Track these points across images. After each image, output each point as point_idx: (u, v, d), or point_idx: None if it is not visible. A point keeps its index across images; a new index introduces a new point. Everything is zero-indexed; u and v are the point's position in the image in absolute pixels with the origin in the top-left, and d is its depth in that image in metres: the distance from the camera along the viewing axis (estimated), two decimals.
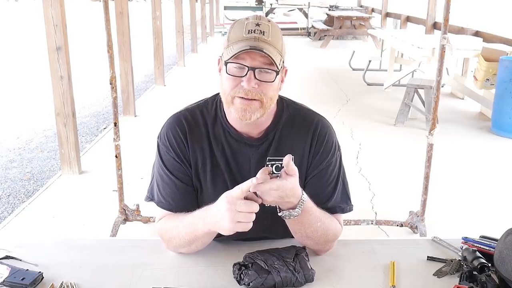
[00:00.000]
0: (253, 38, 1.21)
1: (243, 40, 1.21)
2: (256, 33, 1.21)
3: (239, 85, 1.22)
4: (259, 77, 1.21)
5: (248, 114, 1.23)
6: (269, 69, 1.21)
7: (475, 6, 14.57)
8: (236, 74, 1.22)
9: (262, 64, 1.20)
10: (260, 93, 1.22)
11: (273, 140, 1.35)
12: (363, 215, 3.02)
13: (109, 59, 2.72)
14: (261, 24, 1.23)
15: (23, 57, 10.44)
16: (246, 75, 1.20)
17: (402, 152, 4.48)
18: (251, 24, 1.23)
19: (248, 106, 1.22)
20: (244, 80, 1.21)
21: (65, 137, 3.80)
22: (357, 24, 11.94)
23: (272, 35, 1.23)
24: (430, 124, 2.77)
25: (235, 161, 1.34)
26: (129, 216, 2.95)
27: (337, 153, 1.39)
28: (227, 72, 1.23)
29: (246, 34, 1.21)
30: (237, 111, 1.24)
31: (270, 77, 1.22)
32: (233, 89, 1.23)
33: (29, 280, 1.17)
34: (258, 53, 1.19)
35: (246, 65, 1.20)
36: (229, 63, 1.21)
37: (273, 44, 1.22)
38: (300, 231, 1.27)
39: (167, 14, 9.33)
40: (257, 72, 1.21)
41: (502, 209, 3.34)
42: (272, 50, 1.21)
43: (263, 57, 1.19)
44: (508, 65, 4.87)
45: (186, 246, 1.31)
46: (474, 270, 1.22)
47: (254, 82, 1.20)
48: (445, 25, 2.57)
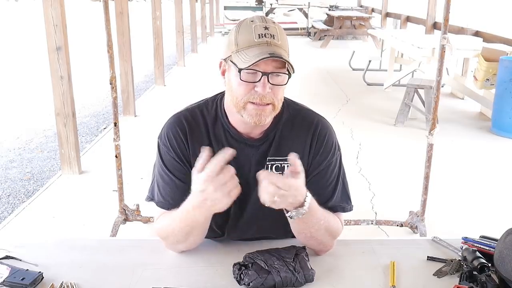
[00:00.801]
0: (265, 43, 1.20)
1: (256, 46, 1.20)
2: (267, 37, 1.20)
3: (253, 90, 1.21)
4: (272, 81, 1.21)
5: (263, 118, 1.23)
6: (282, 72, 1.21)
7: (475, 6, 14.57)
8: (249, 79, 1.21)
9: (275, 68, 1.20)
10: (272, 97, 1.22)
11: (273, 140, 1.35)
12: (363, 215, 3.02)
13: (109, 59, 2.72)
14: (269, 27, 1.22)
15: (23, 57, 10.44)
16: (259, 80, 1.20)
17: (402, 152, 4.48)
18: (259, 27, 1.22)
19: (263, 111, 1.22)
20: (259, 85, 1.20)
21: (65, 137, 3.80)
22: (357, 24, 11.94)
23: (281, 38, 1.23)
24: (430, 124, 2.77)
25: (235, 161, 1.34)
26: (129, 216, 2.95)
27: (337, 153, 1.39)
28: (240, 78, 1.21)
29: (257, 39, 1.20)
30: (251, 116, 1.23)
31: (283, 80, 1.22)
32: (246, 94, 1.22)
33: (29, 280, 1.17)
34: (271, 58, 1.18)
35: (259, 71, 1.19)
36: (243, 70, 1.20)
37: (283, 47, 1.23)
38: (305, 231, 1.27)
39: (167, 14, 9.33)
40: (270, 77, 1.20)
41: (502, 209, 3.34)
42: (284, 53, 1.21)
43: (275, 61, 1.19)
44: (508, 65, 4.87)
45: (183, 241, 1.31)
46: (474, 270, 1.22)
47: (268, 86, 1.20)
48: (445, 25, 2.57)
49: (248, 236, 1.41)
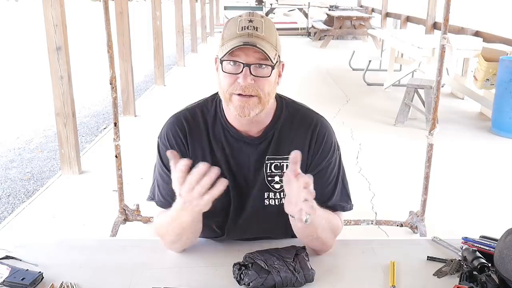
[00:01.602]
0: (246, 34, 1.21)
1: (237, 37, 1.21)
2: (250, 29, 1.21)
3: (236, 82, 1.22)
4: (255, 73, 1.21)
5: (247, 110, 1.23)
6: (264, 64, 1.21)
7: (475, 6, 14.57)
8: (232, 71, 1.22)
9: (257, 59, 1.20)
10: (257, 89, 1.22)
11: (272, 139, 1.35)
12: (363, 215, 3.02)
13: (109, 59, 2.71)
14: (254, 20, 1.23)
15: (23, 57, 10.44)
16: (241, 71, 1.21)
17: (402, 152, 4.48)
18: (244, 20, 1.23)
19: (246, 102, 1.22)
20: (240, 76, 1.21)
21: (65, 137, 3.79)
22: (357, 24, 11.94)
23: (265, 30, 1.22)
24: (430, 124, 2.77)
25: (234, 160, 1.34)
26: (129, 216, 2.95)
27: (336, 152, 1.39)
28: (223, 70, 1.23)
29: (239, 31, 1.21)
30: (235, 108, 1.24)
31: (266, 72, 1.22)
32: (230, 86, 1.23)
33: (29, 280, 1.16)
34: (252, 49, 1.19)
35: (241, 62, 1.20)
36: (225, 61, 1.22)
37: (267, 39, 1.22)
38: (311, 233, 1.26)
39: (167, 14, 9.33)
40: (252, 68, 1.21)
41: (502, 209, 3.34)
42: (266, 45, 1.20)
43: (258, 52, 1.19)
44: (508, 65, 4.87)
45: (177, 241, 1.31)
46: (474, 270, 1.22)
47: (250, 78, 1.20)
48: (445, 25, 2.57)
49: (248, 235, 1.41)
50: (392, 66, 7.24)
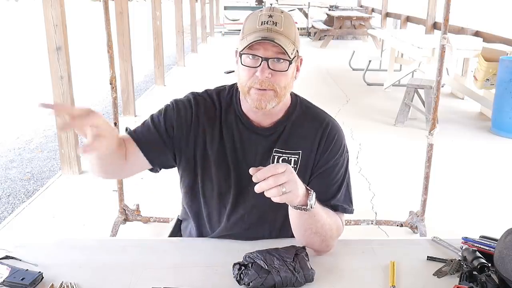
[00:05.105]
0: (265, 29, 1.24)
1: (256, 32, 1.24)
2: (269, 24, 1.24)
3: (254, 75, 1.25)
4: (272, 67, 1.24)
5: (264, 103, 1.26)
6: (282, 58, 1.24)
7: (475, 6, 14.57)
8: (250, 64, 1.25)
9: (275, 54, 1.23)
10: (273, 83, 1.25)
11: (283, 132, 1.37)
12: (363, 215, 3.02)
13: (109, 59, 2.72)
14: (274, 15, 1.26)
15: (23, 57, 10.44)
16: (260, 65, 1.23)
17: (402, 152, 4.48)
18: (264, 15, 1.26)
19: (263, 96, 1.25)
20: (258, 70, 1.24)
21: (65, 137, 3.80)
22: (357, 24, 11.94)
23: (284, 26, 1.25)
24: (430, 124, 2.77)
25: (242, 147, 1.37)
26: (129, 216, 2.95)
27: (345, 155, 1.41)
28: (242, 63, 1.26)
29: (259, 26, 1.25)
30: (253, 101, 1.27)
31: (283, 66, 1.25)
32: (248, 80, 1.26)
33: (29, 280, 1.16)
34: (270, 44, 1.22)
35: (259, 56, 1.23)
36: (244, 54, 1.25)
37: (286, 34, 1.25)
38: (311, 226, 1.27)
39: (167, 14, 9.32)
40: (270, 62, 1.24)
41: (502, 209, 3.34)
42: (284, 40, 1.23)
43: (276, 47, 1.22)
44: (508, 65, 4.87)
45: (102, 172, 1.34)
46: (474, 270, 1.22)
47: (267, 71, 1.23)
48: (445, 25, 2.57)
49: (249, 236, 1.40)
50: (392, 66, 7.25)
